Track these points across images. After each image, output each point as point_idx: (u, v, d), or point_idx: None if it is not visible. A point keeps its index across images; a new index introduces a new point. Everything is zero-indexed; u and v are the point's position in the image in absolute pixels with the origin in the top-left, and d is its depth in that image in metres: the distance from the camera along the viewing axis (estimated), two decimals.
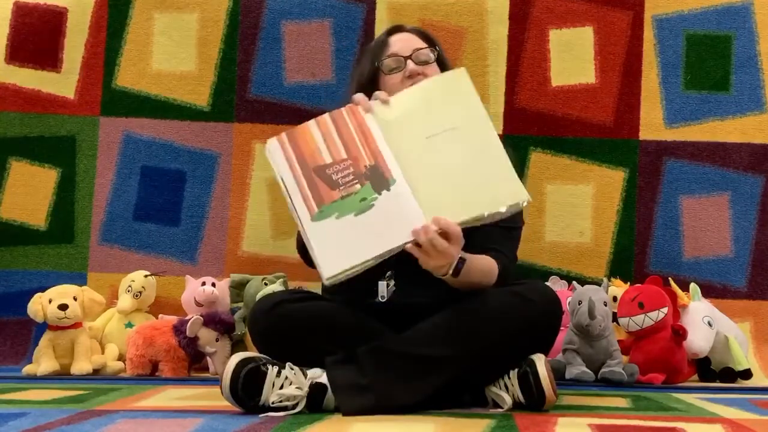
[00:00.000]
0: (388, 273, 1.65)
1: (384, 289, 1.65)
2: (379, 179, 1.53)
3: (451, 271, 1.56)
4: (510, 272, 1.78)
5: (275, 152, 1.56)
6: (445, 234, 1.50)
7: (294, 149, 1.56)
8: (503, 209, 1.52)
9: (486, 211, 1.52)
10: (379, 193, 1.52)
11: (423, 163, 1.54)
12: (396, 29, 1.89)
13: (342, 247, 1.50)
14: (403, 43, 1.83)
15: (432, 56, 1.82)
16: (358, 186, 1.52)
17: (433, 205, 1.51)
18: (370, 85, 1.77)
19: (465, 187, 1.53)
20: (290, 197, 1.54)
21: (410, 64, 1.78)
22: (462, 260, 1.57)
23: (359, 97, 1.62)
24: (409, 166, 1.54)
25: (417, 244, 1.50)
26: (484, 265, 1.69)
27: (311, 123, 1.58)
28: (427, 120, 1.58)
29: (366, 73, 1.82)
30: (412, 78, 1.76)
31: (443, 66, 1.85)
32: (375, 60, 1.82)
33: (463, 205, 1.52)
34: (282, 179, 1.55)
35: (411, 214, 1.50)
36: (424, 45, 1.83)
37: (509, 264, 1.76)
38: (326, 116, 1.59)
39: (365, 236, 1.50)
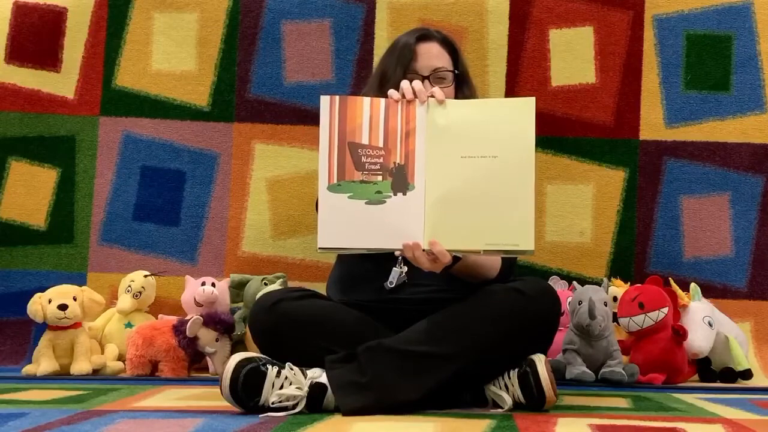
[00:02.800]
0: (400, 259, 1.69)
1: (395, 276, 1.73)
2: (400, 180, 1.57)
3: (442, 267, 1.59)
4: (513, 261, 1.84)
5: (324, 107, 1.58)
6: (434, 257, 1.55)
7: (340, 115, 1.58)
8: (501, 250, 1.56)
9: (484, 248, 1.55)
10: (394, 194, 1.56)
11: (448, 180, 1.56)
12: (424, 36, 1.91)
13: (344, 226, 1.56)
14: (425, 61, 1.86)
15: (450, 76, 1.87)
16: (379, 178, 1.57)
17: (437, 225, 1.55)
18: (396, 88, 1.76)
19: (475, 218, 1.55)
20: (319, 155, 1.58)
21: (426, 86, 1.77)
22: (455, 259, 1.61)
23: (419, 87, 1.61)
24: (434, 178, 1.56)
25: None
26: (486, 258, 1.72)
27: (365, 100, 1.60)
28: (472, 139, 1.57)
29: (393, 77, 1.83)
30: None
31: (462, 80, 1.92)
32: (402, 69, 1.83)
33: (466, 235, 1.55)
34: (320, 134, 1.59)
35: (411, 226, 1.55)
36: (444, 64, 1.88)
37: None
38: (381, 101, 1.60)
39: (367, 226, 1.56)
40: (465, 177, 1.56)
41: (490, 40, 2.69)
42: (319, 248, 1.58)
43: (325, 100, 1.59)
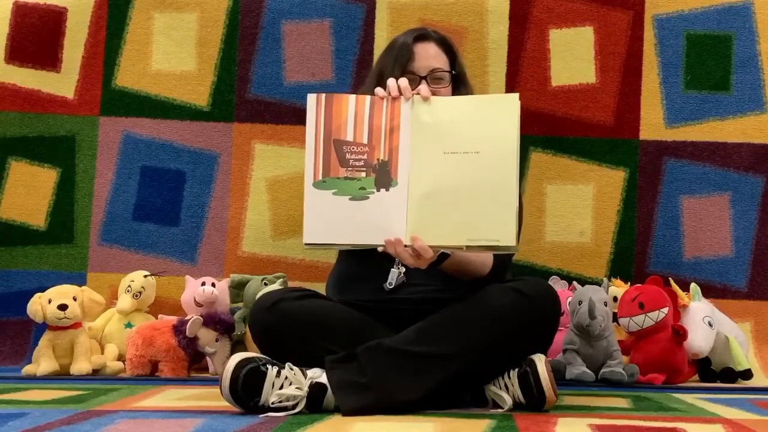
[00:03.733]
0: (398, 259, 1.68)
1: (394, 276, 1.73)
2: (383, 177, 1.58)
3: (429, 263, 1.59)
4: (507, 259, 1.82)
5: (310, 106, 1.61)
6: (416, 253, 1.55)
7: (325, 113, 1.60)
8: (483, 246, 1.55)
9: (466, 244, 1.55)
10: (378, 190, 1.57)
11: (431, 176, 1.56)
12: (421, 36, 1.91)
13: (329, 222, 1.58)
14: (422, 61, 1.86)
15: (447, 76, 1.87)
16: (363, 174, 1.58)
17: (419, 221, 1.55)
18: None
19: (458, 214, 1.55)
20: (306, 152, 1.60)
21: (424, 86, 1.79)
22: (443, 256, 1.63)
23: (405, 84, 1.62)
24: (417, 174, 1.57)
25: None
26: (475, 255, 1.72)
27: (351, 97, 1.62)
28: (455, 135, 1.57)
29: (390, 77, 1.79)
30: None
31: (459, 81, 1.91)
32: (399, 69, 1.83)
33: (448, 230, 1.55)
34: (306, 132, 1.60)
35: (394, 222, 1.56)
36: (441, 65, 1.88)
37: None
38: (367, 98, 1.62)
39: (351, 222, 1.57)
40: (448, 173, 1.56)
41: (490, 40, 2.69)
42: (305, 244, 1.59)
43: (311, 99, 1.61)
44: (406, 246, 1.55)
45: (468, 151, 1.56)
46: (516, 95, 1.58)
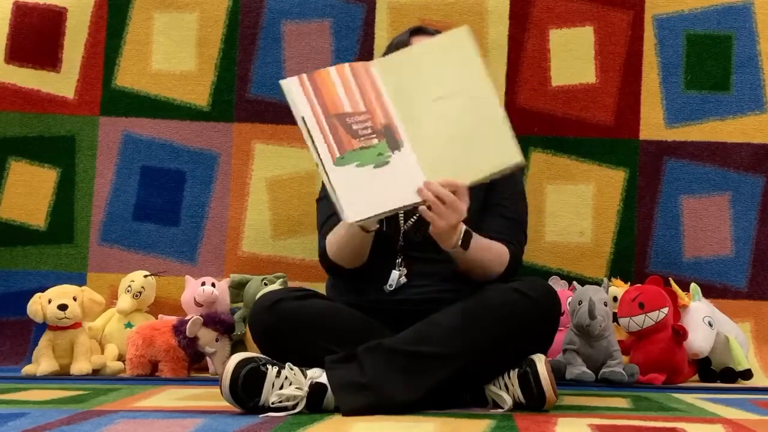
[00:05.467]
0: (400, 260, 1.70)
1: (395, 278, 1.73)
2: (392, 139, 1.57)
3: (460, 241, 1.61)
4: (519, 259, 1.84)
5: (294, 89, 1.54)
6: (451, 199, 1.56)
7: (315, 91, 1.55)
8: (497, 172, 1.59)
9: (481, 176, 1.58)
10: (393, 152, 1.56)
11: (427, 126, 1.57)
12: (418, 31, 1.92)
13: (364, 195, 1.54)
14: None
15: None
16: (375, 140, 1.56)
17: (435, 172, 1.56)
18: None
19: (463, 152, 1.58)
20: (312, 138, 1.54)
21: None
22: (469, 232, 1.64)
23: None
24: (413, 129, 1.57)
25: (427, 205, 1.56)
26: (492, 244, 1.74)
27: (332, 69, 1.57)
28: (431, 82, 1.59)
29: None
30: None
31: None
32: None
33: (461, 169, 1.57)
34: (303, 119, 1.54)
35: (417, 178, 1.56)
36: None
37: (518, 251, 1.83)
38: (346, 66, 1.58)
39: (384, 188, 1.55)
40: (441, 117, 1.57)
41: (490, 40, 2.69)
42: (352, 223, 1.56)
43: (292, 82, 1.54)
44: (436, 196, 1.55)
45: (450, 91, 1.58)
46: (465, 27, 1.59)
